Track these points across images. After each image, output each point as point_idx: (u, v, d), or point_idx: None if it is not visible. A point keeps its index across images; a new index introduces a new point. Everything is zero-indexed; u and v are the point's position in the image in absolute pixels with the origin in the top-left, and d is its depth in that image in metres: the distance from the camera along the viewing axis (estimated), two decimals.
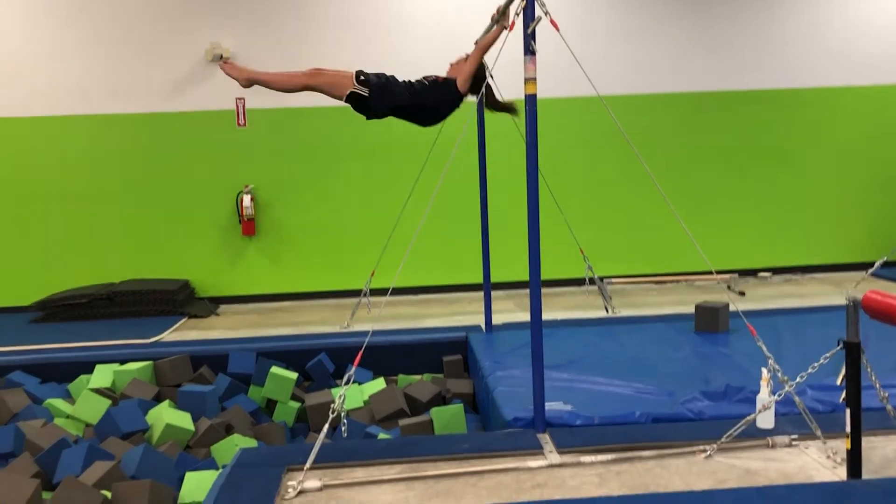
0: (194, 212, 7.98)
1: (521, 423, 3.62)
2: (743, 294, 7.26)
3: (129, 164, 7.90)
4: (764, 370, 3.37)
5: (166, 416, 4.42)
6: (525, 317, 3.67)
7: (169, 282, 7.65)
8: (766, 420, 3.33)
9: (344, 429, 3.32)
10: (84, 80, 7.77)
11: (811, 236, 8.52)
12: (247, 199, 7.86)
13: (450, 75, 4.20)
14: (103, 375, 5.09)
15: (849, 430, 2.72)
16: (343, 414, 3.23)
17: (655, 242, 8.18)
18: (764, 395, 3.34)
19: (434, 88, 4.13)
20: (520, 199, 3.60)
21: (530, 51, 3.37)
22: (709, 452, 3.15)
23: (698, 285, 7.81)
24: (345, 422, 3.31)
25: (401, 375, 5.53)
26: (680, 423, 3.58)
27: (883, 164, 8.50)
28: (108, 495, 3.54)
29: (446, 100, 4.17)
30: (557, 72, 5.59)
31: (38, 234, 7.85)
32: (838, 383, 2.75)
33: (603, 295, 6.04)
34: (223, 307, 7.82)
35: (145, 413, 4.60)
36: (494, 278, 5.72)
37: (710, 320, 5.33)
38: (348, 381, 3.23)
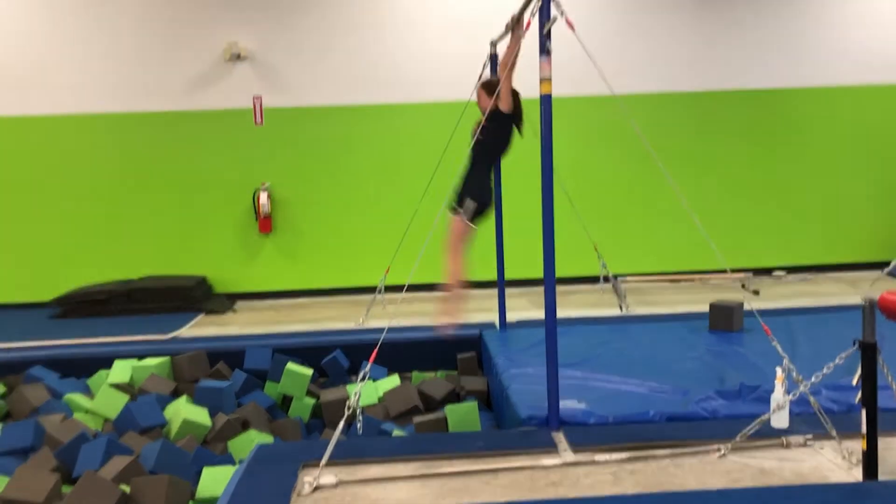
0: (212, 209, 8.05)
1: (535, 421, 3.63)
2: (757, 293, 7.22)
3: (147, 162, 7.98)
4: (778, 369, 3.36)
5: (184, 411, 4.46)
6: (539, 314, 3.68)
7: (186, 278, 7.73)
8: (780, 420, 3.32)
9: (359, 425, 3.33)
10: (107, 79, 7.86)
11: (826, 235, 8.47)
12: (263, 197, 7.91)
13: (485, 107, 4.49)
14: (122, 371, 5.14)
15: (864, 430, 2.72)
16: (359, 410, 3.25)
17: (670, 240, 8.16)
18: (778, 395, 3.33)
19: (491, 132, 4.43)
20: (534, 196, 3.61)
21: (546, 51, 3.35)
22: (723, 452, 3.15)
23: (713, 284, 7.77)
24: (360, 418, 3.33)
25: (415, 372, 5.56)
26: (694, 423, 3.58)
27: None
28: (127, 490, 3.58)
29: (504, 125, 4.56)
30: (572, 70, 5.58)
31: (59, 231, 7.94)
32: (854, 384, 2.75)
33: (617, 293, 6.02)
34: (240, 303, 7.88)
35: (163, 408, 4.64)
36: (509, 275, 5.73)
37: (724, 319, 5.32)
38: (363, 378, 3.26)
